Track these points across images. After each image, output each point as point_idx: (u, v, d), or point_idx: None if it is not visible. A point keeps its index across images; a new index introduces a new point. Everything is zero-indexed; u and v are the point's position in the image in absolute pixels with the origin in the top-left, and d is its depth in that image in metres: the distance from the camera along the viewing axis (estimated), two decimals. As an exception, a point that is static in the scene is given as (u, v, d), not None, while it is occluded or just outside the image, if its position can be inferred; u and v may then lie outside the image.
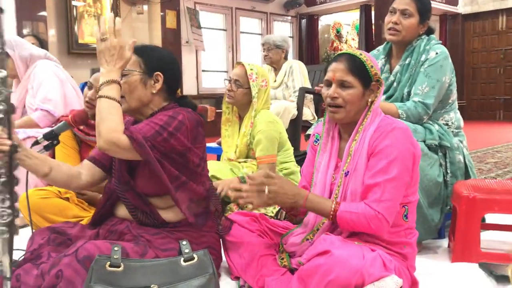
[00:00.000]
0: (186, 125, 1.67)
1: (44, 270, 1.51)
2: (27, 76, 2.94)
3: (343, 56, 1.69)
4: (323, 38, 11.35)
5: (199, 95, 8.64)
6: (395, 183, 1.56)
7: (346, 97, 1.64)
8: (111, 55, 1.63)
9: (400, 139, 1.59)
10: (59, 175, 1.75)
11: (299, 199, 1.62)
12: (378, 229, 1.56)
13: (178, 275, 1.45)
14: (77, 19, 6.75)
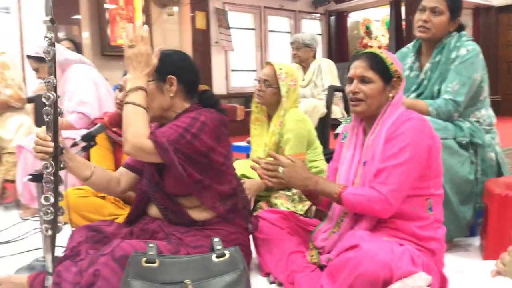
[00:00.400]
0: (208, 125, 1.70)
1: (82, 267, 1.58)
2: (63, 80, 3.05)
3: (364, 54, 1.77)
4: (352, 35, 11.25)
5: (229, 94, 8.71)
6: (403, 168, 1.60)
7: (367, 91, 1.71)
8: (138, 62, 1.69)
9: (414, 127, 1.63)
10: (99, 180, 1.83)
11: (310, 183, 1.71)
12: (381, 210, 1.60)
13: (210, 271, 1.50)
14: (110, 22, 6.90)
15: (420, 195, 1.66)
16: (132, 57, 1.69)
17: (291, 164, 1.72)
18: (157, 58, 1.73)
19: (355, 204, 1.63)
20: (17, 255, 2.32)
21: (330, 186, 1.70)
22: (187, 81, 1.82)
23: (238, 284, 1.49)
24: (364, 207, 1.62)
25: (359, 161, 1.76)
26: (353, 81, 1.75)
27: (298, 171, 1.72)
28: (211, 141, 1.71)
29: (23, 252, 2.35)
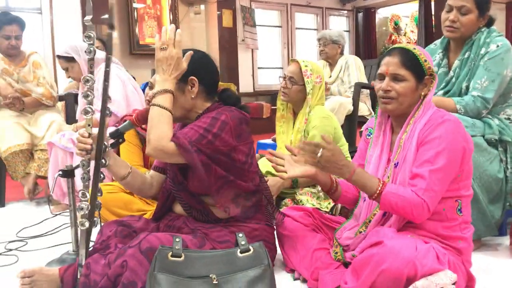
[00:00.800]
0: (229, 124, 1.71)
1: (110, 259, 1.63)
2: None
3: (396, 50, 1.71)
4: (380, 32, 11.11)
5: (255, 92, 8.73)
6: (441, 174, 1.56)
7: (399, 90, 1.67)
8: (168, 65, 1.71)
9: (449, 131, 1.59)
10: (134, 181, 1.88)
11: (347, 171, 1.63)
12: (419, 216, 1.57)
13: (235, 266, 1.52)
14: (138, 21, 7.00)
15: (451, 197, 1.64)
16: (163, 59, 1.71)
17: (331, 148, 1.62)
18: (187, 62, 1.74)
19: (394, 205, 1.57)
20: (48, 248, 2.39)
21: (370, 179, 1.62)
22: (208, 81, 1.82)
23: (262, 279, 1.50)
24: (403, 210, 1.57)
25: (388, 160, 1.73)
26: (385, 78, 1.70)
27: (337, 157, 1.62)
28: (233, 139, 1.72)
29: (54, 246, 2.42)
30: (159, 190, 1.96)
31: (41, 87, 3.49)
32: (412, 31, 11.34)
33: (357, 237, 1.73)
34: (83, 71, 3.10)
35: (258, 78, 8.89)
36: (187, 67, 1.76)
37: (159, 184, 1.96)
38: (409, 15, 11.45)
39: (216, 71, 1.87)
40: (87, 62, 1.78)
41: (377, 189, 1.60)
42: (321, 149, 1.61)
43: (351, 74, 4.12)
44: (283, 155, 1.76)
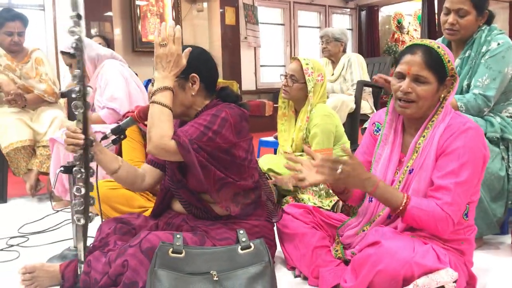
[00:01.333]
0: (229, 121, 1.70)
1: (111, 258, 1.63)
2: (95, 75, 3.11)
3: (420, 48, 1.59)
4: (383, 30, 11.10)
5: (258, 90, 8.72)
6: (465, 187, 1.52)
7: (420, 92, 1.57)
8: (167, 61, 1.69)
9: (473, 140, 1.54)
10: (126, 174, 1.86)
11: (369, 185, 1.55)
12: (443, 230, 1.53)
13: (236, 263, 1.52)
14: (141, 18, 7.00)
15: None
16: (162, 56, 1.70)
17: (351, 163, 1.54)
18: (186, 59, 1.73)
19: (417, 219, 1.53)
20: (49, 244, 2.40)
21: (394, 193, 1.55)
22: (208, 78, 1.81)
23: (263, 275, 1.50)
24: (427, 224, 1.53)
25: (399, 162, 1.69)
26: (404, 78, 1.60)
27: (358, 170, 1.54)
28: (233, 136, 1.72)
29: (55, 242, 2.43)
30: (152, 183, 1.94)
31: (44, 84, 3.49)
32: (415, 30, 11.32)
33: (359, 236, 1.72)
34: (87, 68, 3.10)
35: (260, 76, 8.88)
36: (188, 64, 1.75)
37: (151, 178, 1.94)
38: (412, 14, 11.43)
39: (216, 68, 1.86)
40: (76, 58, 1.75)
41: (402, 204, 1.54)
42: (341, 165, 1.53)
43: (353, 72, 4.11)
44: (301, 159, 1.65)
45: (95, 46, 3.19)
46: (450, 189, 1.51)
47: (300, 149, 2.75)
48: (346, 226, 1.83)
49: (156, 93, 1.69)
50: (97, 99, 3.11)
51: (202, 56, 1.82)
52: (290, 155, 1.75)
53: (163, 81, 1.70)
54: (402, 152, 1.70)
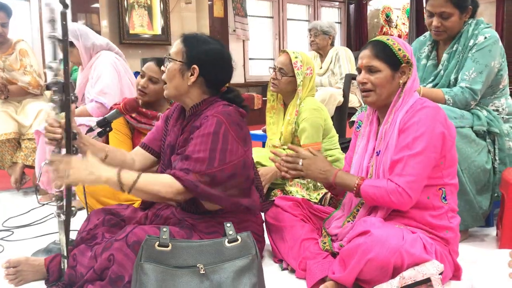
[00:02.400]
0: (231, 134, 1.68)
1: (97, 252, 1.62)
2: (89, 66, 3.06)
3: (371, 43, 1.76)
4: (372, 24, 11.10)
5: (246, 83, 8.69)
6: (419, 159, 1.58)
7: (374, 81, 1.70)
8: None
9: (428, 116, 1.61)
10: (114, 162, 1.84)
11: (330, 175, 1.72)
12: (399, 203, 1.59)
13: (222, 256, 1.51)
14: (128, 10, 6.93)
15: (434, 185, 1.65)
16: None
17: (311, 157, 1.75)
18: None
19: (373, 197, 1.62)
20: (35, 238, 2.37)
21: (349, 178, 1.70)
22: (211, 76, 1.78)
23: (250, 268, 1.49)
24: (383, 200, 1.61)
25: (373, 150, 1.74)
26: (361, 72, 1.74)
27: (317, 164, 1.74)
28: (241, 147, 1.71)
29: (40, 235, 2.40)
30: (142, 168, 1.91)
31: (28, 76, 3.43)
32: (404, 24, 11.35)
33: (345, 227, 1.74)
34: (82, 56, 3.05)
35: (249, 69, 8.85)
36: (196, 55, 1.74)
37: (141, 162, 1.92)
38: (400, 8, 11.44)
39: (226, 71, 1.82)
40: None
41: (355, 185, 1.66)
42: (301, 160, 1.73)
43: (341, 65, 4.11)
44: (281, 154, 1.80)
45: (91, 35, 3.12)
46: (401, 161, 1.60)
47: (288, 142, 2.75)
48: (332, 219, 1.85)
49: (126, 188, 1.59)
50: (88, 90, 3.07)
51: (213, 52, 1.78)
52: (275, 151, 1.83)
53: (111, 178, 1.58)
54: (377, 141, 1.75)
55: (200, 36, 1.81)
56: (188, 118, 1.81)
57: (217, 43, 1.83)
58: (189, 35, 1.80)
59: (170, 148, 1.85)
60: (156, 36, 7.07)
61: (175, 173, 1.63)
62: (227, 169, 1.66)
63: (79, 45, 3.03)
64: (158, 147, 1.94)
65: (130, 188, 1.58)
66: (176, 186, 1.61)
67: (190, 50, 1.76)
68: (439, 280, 1.43)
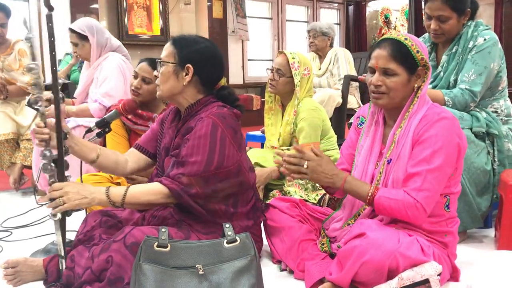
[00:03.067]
0: (228, 138, 1.69)
1: (94, 253, 1.62)
2: (96, 65, 3.03)
3: (387, 41, 1.63)
4: (371, 25, 11.12)
5: (245, 84, 8.70)
6: (437, 174, 1.54)
7: (390, 84, 1.61)
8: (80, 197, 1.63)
9: (446, 129, 1.56)
10: (106, 162, 1.85)
11: (338, 180, 1.62)
12: (415, 217, 1.54)
13: (221, 256, 1.51)
14: (127, 10, 6.93)
15: (440, 194, 1.63)
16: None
17: (317, 159, 1.62)
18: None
19: (388, 209, 1.56)
20: (33, 239, 2.37)
21: (361, 186, 1.61)
22: (206, 75, 1.79)
23: (249, 269, 1.49)
24: (398, 213, 1.55)
25: (380, 154, 1.71)
26: (375, 72, 1.64)
27: (324, 167, 1.62)
28: (236, 152, 1.72)
29: (39, 236, 2.40)
30: (136, 168, 1.93)
31: (27, 76, 3.43)
32: (402, 25, 11.36)
33: (344, 229, 1.73)
34: (93, 53, 3.04)
35: (248, 70, 8.86)
36: (188, 54, 1.74)
37: (135, 163, 1.93)
38: (399, 9, 11.46)
39: (219, 68, 1.83)
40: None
41: (369, 195, 1.58)
42: (306, 161, 1.61)
43: (340, 66, 4.11)
44: (284, 154, 1.72)
45: (107, 33, 3.12)
46: (420, 175, 1.54)
47: (287, 143, 2.75)
48: (331, 220, 1.84)
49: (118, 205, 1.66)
50: (92, 90, 3.04)
51: (206, 51, 1.79)
52: (279, 151, 1.76)
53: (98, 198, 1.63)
54: (383, 143, 1.72)
55: (189, 37, 1.83)
56: (183, 120, 1.82)
57: (207, 41, 1.83)
58: (178, 37, 1.81)
59: (165, 150, 1.85)
60: (155, 37, 7.07)
61: (162, 180, 1.67)
62: (220, 174, 1.68)
63: (93, 40, 3.01)
64: (152, 148, 1.95)
65: (121, 203, 1.65)
66: (164, 191, 1.66)
67: (181, 51, 1.76)
68: (437, 281, 1.43)
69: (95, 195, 1.63)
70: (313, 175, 1.62)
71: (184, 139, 1.73)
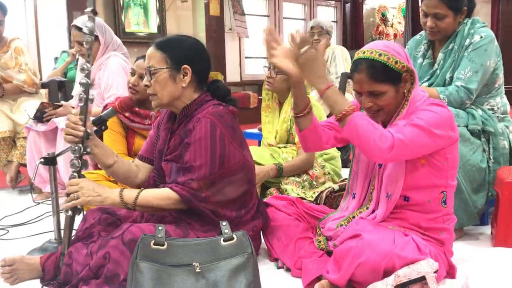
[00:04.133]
0: (227, 137, 1.69)
1: (92, 250, 1.62)
2: (97, 65, 2.99)
3: (362, 64, 1.61)
4: (368, 23, 11.12)
5: (242, 81, 8.69)
6: (421, 130, 1.52)
7: (381, 103, 1.62)
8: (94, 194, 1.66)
9: (444, 111, 1.58)
10: (120, 170, 1.87)
11: (322, 82, 1.59)
12: (379, 149, 1.50)
13: (218, 254, 1.52)
14: (124, 8, 6.91)
15: (437, 186, 1.64)
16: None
17: (319, 54, 1.58)
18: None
19: (360, 129, 1.51)
20: (30, 237, 2.37)
21: (343, 99, 1.57)
22: (201, 71, 1.78)
23: (245, 267, 1.50)
24: (366, 138, 1.50)
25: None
26: (362, 95, 1.64)
27: (318, 63, 1.58)
28: (238, 151, 1.72)
29: (36, 234, 2.40)
30: (146, 179, 1.94)
31: (23, 74, 3.42)
32: (399, 23, 11.37)
33: (338, 230, 1.74)
34: (99, 52, 3.00)
35: (245, 68, 8.85)
36: (182, 55, 1.73)
37: (144, 173, 1.94)
38: (396, 7, 11.47)
39: (209, 60, 1.82)
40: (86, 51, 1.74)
41: (347, 108, 1.54)
42: (308, 46, 1.57)
43: (337, 64, 4.12)
44: (281, 43, 1.68)
45: (112, 32, 3.10)
46: (399, 126, 1.55)
47: (284, 141, 2.75)
48: (328, 219, 1.85)
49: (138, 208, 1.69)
50: (98, 91, 3.02)
51: (195, 46, 1.78)
52: (272, 30, 1.75)
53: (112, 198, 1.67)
54: None
55: (172, 37, 1.80)
56: (179, 121, 1.80)
57: (190, 37, 1.82)
58: (160, 41, 1.77)
59: (159, 152, 1.86)
60: (152, 34, 7.05)
61: (172, 187, 1.67)
62: (225, 174, 1.68)
63: (102, 40, 2.99)
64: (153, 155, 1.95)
65: (133, 206, 1.68)
66: (174, 197, 1.67)
67: (172, 53, 1.73)
68: (433, 278, 1.44)
69: (108, 194, 1.66)
70: (305, 63, 1.59)
71: (184, 144, 1.72)
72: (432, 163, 1.62)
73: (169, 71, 1.72)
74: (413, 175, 1.62)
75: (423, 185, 1.63)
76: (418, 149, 1.56)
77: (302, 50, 1.58)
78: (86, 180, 1.70)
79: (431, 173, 1.63)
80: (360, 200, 1.76)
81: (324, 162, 2.69)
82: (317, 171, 2.59)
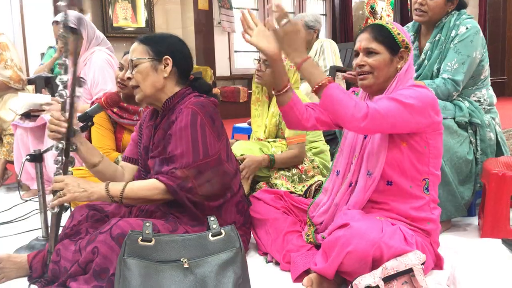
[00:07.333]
0: (207, 126, 1.70)
1: (81, 245, 1.61)
2: (82, 59, 2.97)
3: (370, 26, 1.74)
4: (357, 15, 11.13)
5: (232, 75, 8.66)
6: (398, 105, 1.54)
7: (372, 63, 1.68)
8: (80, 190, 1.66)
9: (428, 93, 1.61)
10: (106, 169, 1.86)
11: (299, 56, 1.60)
12: (353, 118, 1.51)
13: (206, 249, 1.51)
14: (111, 2, 6.86)
15: (420, 173, 1.65)
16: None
17: (297, 28, 1.60)
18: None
19: (335, 98, 1.53)
20: (17, 235, 2.35)
21: (320, 71, 1.59)
22: (182, 65, 1.81)
23: (234, 262, 1.50)
24: (342, 106, 1.52)
25: (363, 140, 1.73)
26: (359, 55, 1.72)
27: (297, 36, 1.60)
28: (215, 141, 1.73)
29: (23, 232, 2.38)
30: (131, 179, 1.93)
31: (9, 70, 3.38)
32: (388, 15, 11.39)
33: (331, 211, 1.75)
34: (83, 48, 2.97)
35: (235, 62, 8.82)
36: (163, 47, 1.76)
37: (130, 174, 1.94)
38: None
39: (190, 58, 1.86)
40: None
41: (324, 80, 1.55)
42: (288, 19, 1.60)
43: (326, 58, 4.11)
44: (258, 23, 1.71)
45: (94, 27, 3.07)
46: (382, 98, 1.58)
47: (273, 135, 2.74)
48: (315, 206, 1.85)
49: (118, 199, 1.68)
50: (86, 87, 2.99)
51: (178, 43, 1.83)
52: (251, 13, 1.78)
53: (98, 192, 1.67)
54: None
55: (155, 34, 1.86)
56: (162, 115, 1.82)
57: (173, 35, 1.86)
58: (144, 36, 1.82)
59: (145, 149, 1.86)
60: (140, 29, 7.01)
61: (158, 177, 1.67)
62: (211, 163, 1.69)
63: (84, 34, 2.97)
64: (138, 155, 1.95)
65: (120, 199, 1.67)
66: (161, 186, 1.66)
67: (154, 45, 1.77)
68: (421, 270, 1.44)
69: (94, 189, 1.66)
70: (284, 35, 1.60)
71: (167, 135, 1.73)
72: (413, 147, 1.63)
73: (151, 62, 1.75)
74: (395, 156, 1.63)
75: (405, 169, 1.64)
76: (396, 123, 1.55)
77: (282, 23, 1.62)
78: (71, 177, 1.70)
79: (413, 157, 1.64)
80: (344, 177, 1.77)
81: (313, 156, 2.69)
82: (306, 165, 2.59)
